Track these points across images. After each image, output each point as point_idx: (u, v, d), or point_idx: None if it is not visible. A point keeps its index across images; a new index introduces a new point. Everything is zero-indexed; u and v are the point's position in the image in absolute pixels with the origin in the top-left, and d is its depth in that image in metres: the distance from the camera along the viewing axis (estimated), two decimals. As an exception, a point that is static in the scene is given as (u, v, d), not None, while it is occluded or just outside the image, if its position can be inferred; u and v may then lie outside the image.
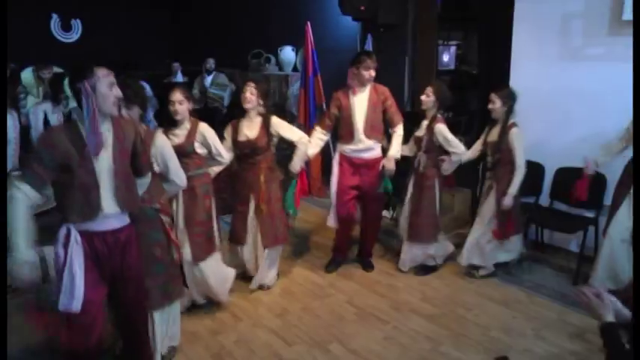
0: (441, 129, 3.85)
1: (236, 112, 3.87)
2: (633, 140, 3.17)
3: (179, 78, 8.39)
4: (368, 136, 3.91)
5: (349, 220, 4.12)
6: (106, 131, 2.28)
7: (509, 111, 3.82)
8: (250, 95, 3.62)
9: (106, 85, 2.22)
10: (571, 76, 4.14)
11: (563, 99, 4.20)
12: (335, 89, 4.08)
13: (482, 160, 4.18)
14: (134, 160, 2.44)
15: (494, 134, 3.91)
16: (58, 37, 9.12)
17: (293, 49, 7.22)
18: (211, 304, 3.62)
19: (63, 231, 2.26)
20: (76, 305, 2.22)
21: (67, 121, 2.29)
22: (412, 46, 5.80)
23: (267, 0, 7.88)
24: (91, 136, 2.19)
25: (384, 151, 4.01)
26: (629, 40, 3.79)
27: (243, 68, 7.85)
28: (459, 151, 3.88)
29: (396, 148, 3.94)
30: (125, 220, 2.42)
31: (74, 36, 9.31)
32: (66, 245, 2.25)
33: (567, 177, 4.06)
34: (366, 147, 3.95)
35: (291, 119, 5.49)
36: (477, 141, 4.14)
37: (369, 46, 5.66)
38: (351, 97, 3.94)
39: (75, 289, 2.22)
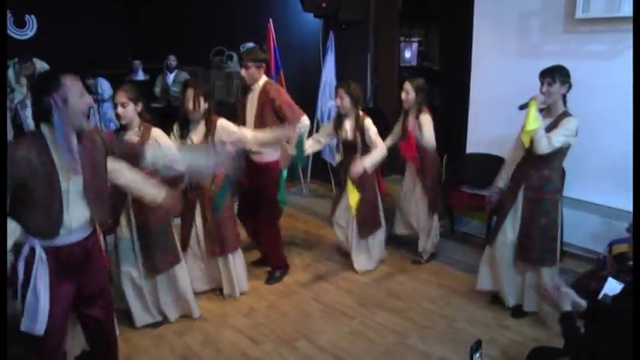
0: (370, 125, 3.83)
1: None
2: (633, 140, 3.05)
3: (140, 76, 8.22)
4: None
5: (247, 215, 4.06)
6: (75, 146, 2.12)
7: (422, 101, 3.93)
8: (195, 104, 3.31)
9: (77, 94, 2.06)
10: (530, 72, 4.21)
11: (522, 94, 4.24)
12: (297, 86, 4.06)
13: None
14: (121, 157, 2.39)
15: (409, 123, 4.02)
16: (12, 34, 8.76)
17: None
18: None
19: (26, 249, 2.12)
20: (40, 328, 2.11)
21: (32, 135, 2.11)
22: (374, 42, 5.84)
23: (229, -3, 7.81)
24: (67, 157, 2.04)
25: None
26: (581, 38, 3.94)
27: (205, 66, 7.76)
28: (380, 150, 3.81)
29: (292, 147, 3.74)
30: (90, 227, 2.30)
31: (29, 33, 8.96)
32: (29, 262, 2.12)
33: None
34: (256, 150, 3.72)
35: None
36: (392, 132, 4.26)
37: (331, 42, 5.67)
38: (248, 95, 3.77)
39: (39, 312, 2.10)
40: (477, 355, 2.27)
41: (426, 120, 3.88)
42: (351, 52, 5.78)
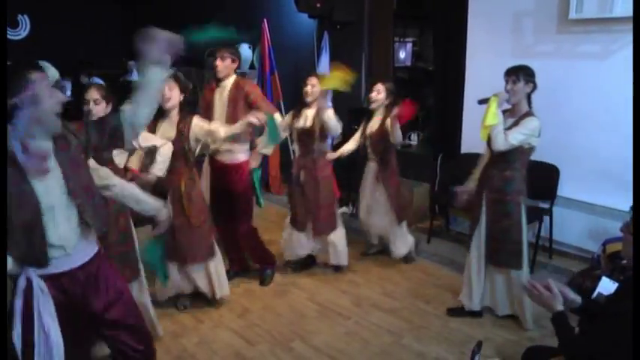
0: (332, 113, 3.71)
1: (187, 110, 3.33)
2: (633, 140, 2.97)
3: (134, 76, 8.20)
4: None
5: (224, 227, 3.84)
6: (48, 147, 1.86)
7: (390, 104, 3.88)
8: (169, 91, 3.13)
9: (46, 90, 1.82)
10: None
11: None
12: (292, 86, 4.03)
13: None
14: (99, 152, 2.12)
15: (373, 125, 3.98)
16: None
17: (250, 47, 7.17)
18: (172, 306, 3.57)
19: (22, 281, 1.87)
20: None
21: None
22: (368, 43, 5.84)
23: (223, -3, 7.80)
24: (29, 159, 1.77)
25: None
26: (575, 38, 3.96)
27: (199, 66, 7.74)
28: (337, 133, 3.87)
29: (261, 145, 3.65)
30: (93, 247, 2.08)
31: (22, 33, 8.92)
32: (27, 297, 1.86)
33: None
34: (225, 149, 3.61)
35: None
36: (356, 133, 4.19)
37: (325, 43, 5.68)
38: (215, 92, 3.65)
39: (53, 349, 1.87)
40: (477, 357, 2.29)
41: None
42: (346, 53, 5.78)
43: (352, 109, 5.43)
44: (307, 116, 3.78)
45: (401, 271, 4.17)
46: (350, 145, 4.14)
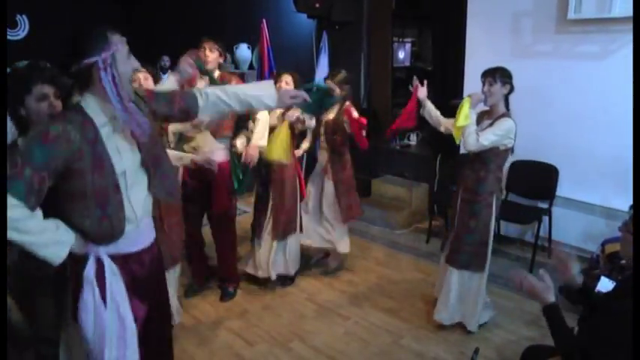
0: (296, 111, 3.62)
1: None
2: (633, 140, 2.92)
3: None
4: (211, 131, 3.42)
5: (193, 232, 3.62)
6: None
7: (347, 94, 3.81)
8: (145, 81, 3.06)
9: (125, 55, 1.75)
10: (522, 72, 4.23)
11: (515, 94, 4.31)
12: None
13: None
14: (170, 116, 2.01)
15: (329, 114, 3.86)
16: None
17: (249, 47, 7.18)
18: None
19: (92, 263, 1.75)
20: (132, 357, 1.78)
21: (67, 109, 1.75)
22: (367, 43, 5.84)
23: (222, -3, 7.79)
24: (134, 121, 1.68)
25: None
26: (573, 38, 3.96)
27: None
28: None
29: (258, 135, 3.50)
30: (153, 229, 1.99)
31: (21, 33, 8.91)
32: (99, 282, 1.74)
33: (521, 170, 4.18)
34: (206, 144, 3.47)
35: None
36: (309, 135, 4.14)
37: (324, 43, 5.68)
38: (197, 85, 3.46)
39: (127, 337, 1.77)
40: None
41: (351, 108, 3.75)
42: (345, 53, 5.78)
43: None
44: (275, 115, 3.70)
45: (399, 271, 4.17)
46: (308, 142, 4.12)
